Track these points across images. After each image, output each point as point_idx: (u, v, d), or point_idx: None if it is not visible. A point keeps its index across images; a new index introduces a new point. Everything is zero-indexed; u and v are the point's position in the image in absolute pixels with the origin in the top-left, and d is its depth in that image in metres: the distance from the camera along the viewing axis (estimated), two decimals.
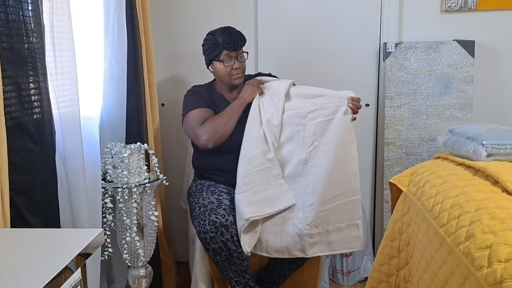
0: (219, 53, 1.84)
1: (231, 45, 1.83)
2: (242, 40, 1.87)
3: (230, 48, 1.83)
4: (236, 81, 1.90)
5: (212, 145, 1.78)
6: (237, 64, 1.87)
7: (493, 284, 0.97)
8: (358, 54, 2.34)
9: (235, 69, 1.87)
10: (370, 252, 2.41)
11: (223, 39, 1.83)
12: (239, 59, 1.88)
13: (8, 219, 1.16)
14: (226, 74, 1.88)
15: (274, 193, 1.73)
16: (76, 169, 1.50)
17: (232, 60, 1.86)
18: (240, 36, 1.87)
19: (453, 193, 1.35)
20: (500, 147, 1.52)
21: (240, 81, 1.92)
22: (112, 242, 1.74)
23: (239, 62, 1.88)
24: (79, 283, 0.94)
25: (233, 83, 1.91)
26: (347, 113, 1.68)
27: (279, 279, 1.86)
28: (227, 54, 1.84)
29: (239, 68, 1.88)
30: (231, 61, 1.86)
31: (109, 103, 1.89)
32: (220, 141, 1.79)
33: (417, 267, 1.48)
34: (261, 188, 1.73)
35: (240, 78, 1.91)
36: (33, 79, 1.28)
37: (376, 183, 2.46)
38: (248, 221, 1.63)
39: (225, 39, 1.82)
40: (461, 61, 2.22)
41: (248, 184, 1.72)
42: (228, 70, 1.87)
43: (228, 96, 1.96)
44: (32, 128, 1.28)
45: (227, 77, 1.89)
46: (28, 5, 1.26)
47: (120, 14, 1.85)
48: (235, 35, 1.85)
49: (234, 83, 1.91)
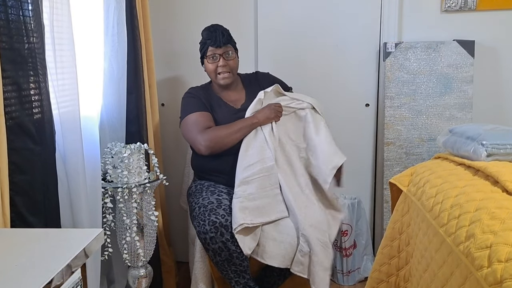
0: (205, 51, 1.86)
1: (213, 41, 1.83)
2: (224, 36, 1.85)
3: (213, 45, 1.83)
4: (223, 81, 1.89)
5: (207, 153, 1.80)
6: (222, 62, 1.86)
7: (493, 284, 0.97)
8: (358, 54, 2.34)
9: (220, 67, 1.86)
10: (370, 252, 2.41)
11: (207, 35, 1.84)
12: (225, 57, 1.86)
13: (8, 219, 1.16)
14: (211, 72, 1.89)
15: (269, 202, 1.73)
16: (76, 169, 1.50)
17: (217, 58, 1.85)
18: (223, 32, 1.86)
19: (453, 193, 1.35)
20: (500, 147, 1.52)
21: (227, 81, 1.90)
22: (112, 242, 1.74)
23: (225, 59, 1.86)
24: (79, 283, 0.94)
25: (219, 82, 1.90)
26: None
27: (279, 279, 1.86)
28: (212, 51, 1.85)
29: (225, 66, 1.86)
30: (216, 58, 1.86)
31: (109, 103, 1.89)
32: (217, 151, 1.80)
33: (417, 267, 1.48)
34: (258, 195, 1.72)
35: (227, 78, 1.89)
36: (33, 79, 1.28)
37: (376, 183, 2.46)
38: (242, 226, 1.63)
39: (208, 35, 1.84)
40: (461, 61, 2.22)
41: (245, 191, 1.72)
42: (214, 67, 1.86)
43: (224, 96, 1.95)
44: (32, 128, 1.28)
45: (213, 74, 1.89)
46: (28, 5, 1.26)
47: (120, 14, 1.85)
48: (218, 31, 1.84)
49: (221, 83, 1.90)
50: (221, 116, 1.89)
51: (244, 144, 1.80)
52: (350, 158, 2.41)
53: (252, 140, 1.81)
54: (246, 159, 1.77)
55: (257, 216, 1.69)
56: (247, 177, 1.74)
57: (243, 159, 1.78)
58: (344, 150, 2.37)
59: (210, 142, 1.77)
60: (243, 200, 1.69)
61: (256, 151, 1.78)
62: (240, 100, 1.97)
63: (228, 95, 1.96)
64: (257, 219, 1.69)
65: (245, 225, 1.64)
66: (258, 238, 1.70)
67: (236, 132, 1.78)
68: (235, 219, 1.64)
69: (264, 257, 1.70)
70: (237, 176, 1.76)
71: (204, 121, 1.84)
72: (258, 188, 1.73)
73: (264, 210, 1.71)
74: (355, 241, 2.34)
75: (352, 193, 2.38)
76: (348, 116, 2.40)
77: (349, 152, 2.41)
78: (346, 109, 2.39)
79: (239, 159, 1.78)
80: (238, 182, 1.74)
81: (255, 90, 1.95)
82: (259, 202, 1.71)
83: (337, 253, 2.35)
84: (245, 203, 1.69)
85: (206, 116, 1.86)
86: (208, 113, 1.88)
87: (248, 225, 1.65)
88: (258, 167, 1.75)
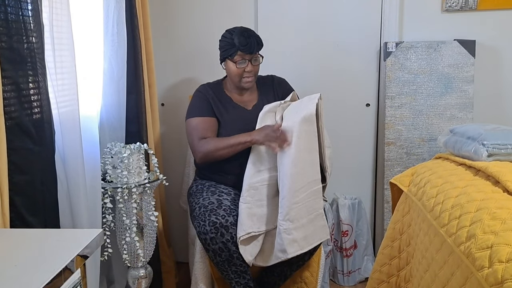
0: (233, 53, 1.83)
1: (247, 48, 1.81)
2: (259, 44, 1.86)
3: (246, 51, 1.81)
4: (246, 85, 1.89)
5: (201, 162, 1.84)
6: (249, 67, 1.85)
7: (494, 284, 0.97)
8: (359, 54, 2.34)
9: (247, 72, 1.85)
10: (370, 253, 2.41)
11: (240, 41, 1.80)
12: (253, 62, 1.86)
13: (7, 219, 1.16)
14: (236, 75, 1.87)
15: (272, 209, 1.73)
16: (75, 169, 1.50)
17: (245, 63, 1.84)
18: (258, 40, 1.85)
19: (453, 193, 1.35)
20: (501, 147, 1.52)
21: (250, 85, 1.90)
22: (111, 243, 1.73)
23: (252, 65, 1.86)
24: (78, 284, 0.94)
25: (242, 86, 1.90)
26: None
27: (280, 279, 1.85)
28: (241, 56, 1.83)
29: (251, 71, 1.86)
30: (244, 63, 1.84)
31: (108, 103, 1.89)
32: (209, 162, 1.83)
33: (418, 268, 1.47)
34: (265, 202, 1.73)
35: (250, 82, 1.89)
36: (33, 78, 1.28)
37: (376, 183, 2.46)
38: (249, 234, 1.64)
39: (242, 42, 1.80)
40: (462, 60, 2.22)
41: (253, 196, 1.72)
42: (240, 71, 1.85)
43: (236, 97, 1.94)
44: (32, 128, 1.27)
45: (238, 78, 1.87)
46: (27, 5, 1.25)
47: (120, 14, 1.84)
48: (253, 38, 1.83)
49: (244, 86, 1.90)
50: (230, 117, 1.89)
51: (255, 148, 1.79)
52: (351, 158, 2.43)
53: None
54: (257, 164, 1.77)
55: (264, 223, 1.70)
56: (256, 182, 1.74)
57: (254, 163, 1.77)
58: (344, 150, 2.39)
59: (203, 154, 1.80)
60: (252, 206, 1.70)
61: (267, 157, 1.77)
62: (252, 101, 1.96)
63: (241, 96, 1.95)
64: (264, 227, 1.70)
65: (253, 233, 1.65)
66: (261, 245, 1.71)
67: (229, 147, 1.77)
68: (242, 226, 1.64)
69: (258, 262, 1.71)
70: (245, 180, 1.76)
71: (203, 128, 1.84)
72: (265, 195, 1.73)
73: (269, 218, 1.72)
74: (355, 241, 2.34)
75: (353, 193, 2.38)
76: (349, 116, 2.39)
77: (350, 152, 2.42)
78: (346, 109, 2.39)
79: (249, 162, 1.78)
80: (247, 186, 1.74)
81: (268, 93, 1.98)
82: (265, 209, 1.72)
83: (337, 253, 2.34)
84: (254, 209, 1.70)
85: (207, 122, 1.86)
86: (212, 118, 1.88)
87: (255, 233, 1.66)
88: (268, 174, 1.75)
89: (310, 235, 1.67)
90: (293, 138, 1.66)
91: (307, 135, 1.66)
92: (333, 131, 1.94)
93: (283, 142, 1.66)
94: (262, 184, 1.74)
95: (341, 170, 2.36)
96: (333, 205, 2.34)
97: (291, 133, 1.67)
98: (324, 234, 1.70)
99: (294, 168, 1.64)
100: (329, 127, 1.97)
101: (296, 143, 1.65)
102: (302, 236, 1.64)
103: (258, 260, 1.71)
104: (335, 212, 2.31)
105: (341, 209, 2.29)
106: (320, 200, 1.68)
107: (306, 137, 1.66)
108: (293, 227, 1.63)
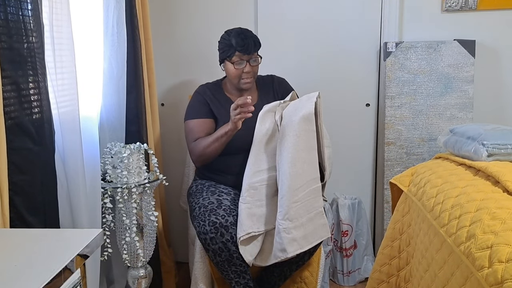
0: (231, 54, 1.83)
1: (244, 48, 1.81)
2: (256, 45, 1.86)
3: (243, 52, 1.82)
4: (245, 86, 1.89)
5: (199, 164, 1.88)
6: (248, 68, 1.85)
7: (494, 284, 0.97)
8: (359, 53, 2.34)
9: (245, 73, 1.86)
10: (370, 253, 2.41)
11: (237, 42, 1.81)
12: (251, 63, 1.86)
13: (7, 219, 1.16)
14: (235, 76, 1.87)
15: (272, 209, 1.73)
16: (75, 169, 1.50)
17: (243, 63, 1.85)
18: (255, 41, 1.85)
19: (453, 193, 1.35)
20: (501, 147, 1.52)
21: (248, 86, 1.91)
22: (111, 243, 1.73)
23: (250, 66, 1.86)
24: (78, 284, 0.94)
25: (241, 87, 1.90)
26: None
27: (279, 279, 1.85)
28: (239, 57, 1.83)
29: (250, 72, 1.87)
30: (243, 64, 1.85)
31: (108, 103, 1.89)
32: (207, 161, 1.85)
33: (418, 268, 1.47)
34: (265, 202, 1.73)
35: (249, 83, 1.90)
36: (33, 78, 1.28)
37: (376, 183, 2.46)
38: (249, 235, 1.64)
39: (239, 42, 1.81)
40: (462, 60, 2.22)
41: (253, 196, 1.72)
42: (238, 72, 1.85)
43: (235, 98, 1.94)
44: (32, 128, 1.27)
45: (236, 79, 1.88)
46: (27, 5, 1.25)
47: (120, 14, 1.84)
48: (250, 39, 1.83)
49: (243, 87, 1.90)
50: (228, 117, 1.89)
51: (254, 148, 1.79)
52: (351, 158, 2.43)
53: (264, 145, 1.79)
54: (257, 163, 1.77)
55: (263, 223, 1.70)
56: (256, 182, 1.74)
57: (254, 163, 1.77)
58: (344, 150, 2.39)
59: (196, 156, 1.84)
60: (251, 206, 1.70)
61: (266, 157, 1.77)
62: (252, 101, 1.96)
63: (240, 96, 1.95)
64: (263, 227, 1.70)
65: (253, 233, 1.65)
66: (261, 245, 1.70)
67: (214, 142, 1.77)
68: (242, 227, 1.64)
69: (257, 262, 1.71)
70: (245, 180, 1.76)
71: (198, 131, 1.86)
72: (265, 195, 1.73)
73: (269, 217, 1.72)
74: (355, 241, 2.34)
75: (353, 193, 2.38)
76: (349, 116, 2.39)
77: (350, 152, 2.42)
78: (346, 109, 2.39)
79: (249, 162, 1.78)
80: (247, 186, 1.74)
81: (268, 93, 1.98)
82: (265, 209, 1.72)
83: (337, 253, 2.34)
84: (254, 209, 1.70)
85: (202, 125, 1.87)
86: (208, 119, 1.89)
87: (255, 233, 1.66)
88: (268, 174, 1.75)
89: (310, 233, 1.66)
90: (292, 137, 1.66)
91: (306, 134, 1.66)
92: (333, 131, 1.94)
93: (245, 110, 1.63)
94: (261, 184, 1.74)
95: (341, 170, 2.36)
96: (333, 205, 2.34)
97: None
98: (324, 232, 1.69)
99: (293, 167, 1.64)
100: (329, 127, 1.97)
101: (295, 142, 1.65)
102: (302, 235, 1.64)
103: (258, 260, 1.71)
104: (335, 212, 2.31)
105: (341, 209, 2.29)
106: (319, 199, 1.68)
107: (305, 136, 1.66)
108: (293, 226, 1.62)
